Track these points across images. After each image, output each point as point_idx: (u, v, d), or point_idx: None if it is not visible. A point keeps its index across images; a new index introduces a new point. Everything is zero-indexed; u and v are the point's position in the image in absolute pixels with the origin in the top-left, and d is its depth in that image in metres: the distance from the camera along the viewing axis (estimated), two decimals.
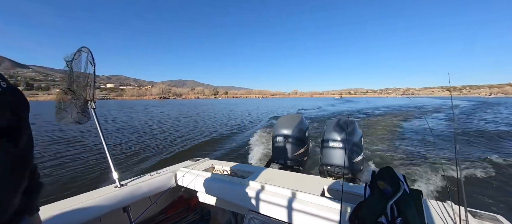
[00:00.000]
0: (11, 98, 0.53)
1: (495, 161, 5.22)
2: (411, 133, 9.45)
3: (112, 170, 1.64)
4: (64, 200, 1.46)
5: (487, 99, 63.34)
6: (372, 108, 25.05)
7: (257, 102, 70.92)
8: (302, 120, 3.25)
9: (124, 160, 6.15)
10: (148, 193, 1.79)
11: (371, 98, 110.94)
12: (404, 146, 7.13)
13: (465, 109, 23.18)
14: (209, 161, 2.42)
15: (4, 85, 0.52)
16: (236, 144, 8.16)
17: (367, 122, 12.95)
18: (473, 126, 10.90)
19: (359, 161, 2.65)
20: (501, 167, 4.92)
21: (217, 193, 1.77)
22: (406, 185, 1.04)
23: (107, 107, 38.22)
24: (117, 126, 13.42)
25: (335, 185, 1.64)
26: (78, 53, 1.63)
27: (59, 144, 7.99)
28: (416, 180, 4.15)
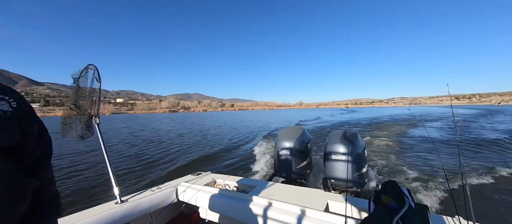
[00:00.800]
0: (22, 117, 0.54)
1: (502, 172, 5.08)
2: (413, 144, 9.31)
3: (113, 186, 1.63)
4: (65, 218, 1.44)
5: (495, 107, 62.65)
6: (367, 119, 25.34)
7: (264, 113, 73.87)
8: (304, 132, 3.24)
9: (125, 173, 6.09)
10: (149, 209, 1.76)
11: (374, 109, 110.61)
12: (407, 157, 6.99)
13: (468, 117, 22.97)
14: (211, 175, 2.40)
15: (14, 105, 0.52)
16: (238, 156, 8.08)
17: (369, 133, 12.82)
18: (476, 135, 10.72)
19: (363, 174, 2.60)
20: (509, 178, 4.79)
21: (219, 209, 1.73)
22: (411, 199, 1.02)
23: (118, 121, 39.00)
24: (120, 139, 13.45)
25: (339, 200, 1.61)
26: (85, 70, 1.69)
27: (61, 158, 7.99)
28: (421, 193, 4.03)
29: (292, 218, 1.38)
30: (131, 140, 13.26)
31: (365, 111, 57.87)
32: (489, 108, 49.29)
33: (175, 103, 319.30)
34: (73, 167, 6.81)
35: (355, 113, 48.43)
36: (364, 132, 14.17)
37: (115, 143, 11.97)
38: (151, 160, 7.80)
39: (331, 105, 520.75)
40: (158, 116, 74.86)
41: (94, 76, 1.59)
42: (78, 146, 10.00)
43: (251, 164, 6.81)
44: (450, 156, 7.07)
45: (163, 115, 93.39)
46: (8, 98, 0.51)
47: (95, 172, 6.16)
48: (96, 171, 6.25)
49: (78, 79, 1.70)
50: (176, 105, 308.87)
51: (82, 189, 4.86)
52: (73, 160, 7.75)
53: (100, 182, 5.26)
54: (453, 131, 12.61)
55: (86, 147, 9.68)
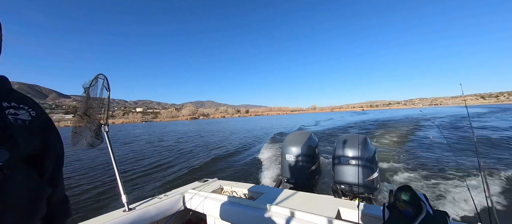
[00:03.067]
0: (41, 127, 0.55)
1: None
2: (427, 146, 8.98)
3: (121, 194, 1.64)
4: None
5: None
6: (379, 120, 25.08)
7: (280, 118, 76.33)
8: (311, 137, 3.19)
9: (134, 180, 6.16)
10: (156, 216, 1.76)
11: (389, 110, 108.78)
12: (421, 161, 6.72)
13: (486, 117, 22.14)
14: (218, 182, 2.38)
15: (33, 114, 0.54)
16: (245, 162, 8.03)
17: (378, 136, 12.50)
18: (492, 135, 10.25)
19: (375, 179, 2.51)
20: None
21: (226, 217, 1.70)
22: (428, 205, 0.96)
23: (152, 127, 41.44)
24: (129, 146, 13.70)
25: (351, 206, 1.55)
26: (95, 80, 1.74)
27: (69, 165, 8.18)
28: (439, 199, 3.83)
29: None
30: (144, 147, 13.50)
31: (375, 112, 57.62)
32: (505, 107, 47.16)
33: (195, 111, 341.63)
34: (81, 174, 6.95)
35: (365, 114, 49.57)
36: (374, 133, 13.84)
37: (128, 150, 12.21)
38: (160, 167, 7.88)
39: (345, 108, 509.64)
40: (183, 123, 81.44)
41: (103, 86, 1.63)
42: (86, 154, 10.25)
43: (258, 169, 6.74)
44: (468, 157, 6.75)
45: (186, 122, 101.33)
46: (27, 108, 0.53)
47: (103, 179, 6.27)
48: (104, 178, 6.35)
49: (89, 88, 1.75)
50: (196, 113, 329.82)
51: (90, 197, 4.94)
52: (81, 167, 7.93)
53: (108, 190, 5.34)
54: (469, 132, 12.15)
55: (95, 155, 9.90)
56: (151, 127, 51.17)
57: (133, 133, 28.21)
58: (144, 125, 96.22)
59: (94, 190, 5.44)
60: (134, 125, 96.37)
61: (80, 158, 9.73)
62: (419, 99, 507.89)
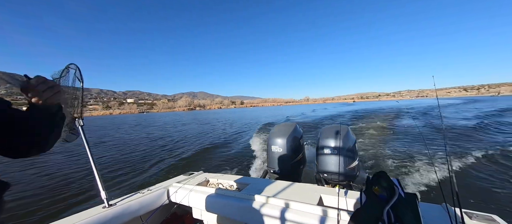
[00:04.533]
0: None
1: (485, 156, 5.39)
2: (401, 134, 9.65)
3: (100, 190, 1.57)
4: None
5: (487, 97, 66.12)
6: (362, 110, 26.77)
7: (278, 109, 79.78)
8: (296, 128, 3.26)
9: (114, 178, 5.92)
10: (139, 211, 1.71)
11: (377, 102, 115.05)
12: (396, 148, 7.23)
13: (456, 107, 24.37)
14: (203, 174, 2.37)
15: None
16: (231, 154, 8.04)
17: (359, 126, 13.14)
18: (461, 123, 11.27)
19: (355, 167, 2.65)
20: (491, 162, 5.09)
21: (212, 208, 1.71)
22: (400, 189, 1.04)
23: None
24: (110, 141, 13.05)
25: (332, 193, 1.63)
26: (66, 70, 1.61)
27: (40, 163, 7.64)
28: (410, 183, 4.17)
29: (286, 213, 1.38)
30: (120, 141, 12.92)
31: (363, 104, 62.00)
32: (479, 99, 52.25)
33: (191, 102, 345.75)
34: (51, 173, 6.53)
35: (352, 106, 53.84)
36: (356, 123, 14.53)
37: (104, 146, 11.62)
38: (142, 162, 7.63)
39: (337, 100, 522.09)
40: (180, 114, 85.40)
41: (75, 76, 1.51)
42: (59, 150, 9.62)
43: (245, 161, 6.80)
44: (437, 145, 7.36)
45: (183, 113, 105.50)
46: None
47: (80, 177, 5.95)
48: (81, 176, 6.03)
49: (59, 79, 1.61)
50: (191, 104, 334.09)
51: (67, 196, 4.68)
52: (54, 165, 7.44)
53: (86, 187, 5.09)
54: (440, 121, 13.23)
55: (69, 151, 9.33)
56: (155, 118, 49.63)
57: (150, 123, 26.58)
58: (145, 115, 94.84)
59: (71, 186, 5.16)
60: (134, 116, 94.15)
61: (55, 152, 9.11)
62: (407, 91, 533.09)
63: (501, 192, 3.70)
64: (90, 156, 1.57)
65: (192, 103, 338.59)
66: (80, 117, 1.55)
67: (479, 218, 1.21)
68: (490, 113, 16.43)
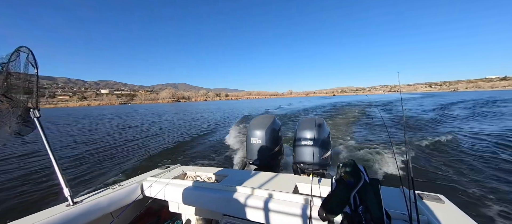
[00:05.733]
0: None
1: (436, 143, 6.25)
2: (369, 126, 10.55)
3: (63, 187, 1.44)
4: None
5: (444, 93, 75.80)
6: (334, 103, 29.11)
7: (264, 101, 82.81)
8: (275, 120, 3.33)
9: (82, 174, 5.46)
10: (108, 208, 1.62)
11: (354, 96, 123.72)
12: (363, 138, 7.89)
13: (416, 101, 27.52)
14: (180, 168, 2.31)
15: None
16: (210, 147, 7.95)
17: (334, 118, 13.96)
18: (420, 117, 12.67)
19: (328, 156, 2.82)
20: (440, 148, 5.89)
21: (189, 201, 1.69)
22: (366, 175, 1.14)
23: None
24: (73, 135, 11.88)
25: (306, 181, 1.72)
26: (16, 53, 1.40)
27: None
28: (375, 169, 4.61)
29: (262, 202, 1.43)
30: (93, 133, 11.86)
31: (341, 98, 67.14)
32: (439, 94, 59.88)
33: (174, 94, 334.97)
34: (10, 167, 5.80)
35: (330, 99, 57.48)
36: (331, 115, 15.39)
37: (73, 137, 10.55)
38: (115, 157, 7.14)
39: (318, 93, 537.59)
40: (165, 105, 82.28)
41: (28, 61, 1.33)
42: (16, 145, 8.54)
43: (224, 153, 6.79)
44: (398, 134, 8.20)
45: (167, 105, 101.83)
46: None
47: (42, 175, 5.37)
48: (43, 174, 5.45)
49: (8, 64, 1.40)
50: (175, 96, 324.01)
51: (22, 195, 4.21)
52: (10, 161, 6.59)
53: (45, 185, 4.63)
54: (401, 113, 14.76)
55: (26, 146, 8.32)
56: (150, 109, 46.50)
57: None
58: (130, 107, 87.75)
59: (29, 185, 4.64)
60: (120, 107, 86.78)
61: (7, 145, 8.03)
62: (381, 86, 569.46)
63: (446, 174, 4.30)
64: (49, 150, 1.42)
65: (175, 95, 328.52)
66: (35, 107, 1.38)
67: (429, 198, 1.39)
68: (441, 106, 19.06)
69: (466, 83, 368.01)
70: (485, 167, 4.50)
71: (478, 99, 26.33)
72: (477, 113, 13.39)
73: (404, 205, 1.15)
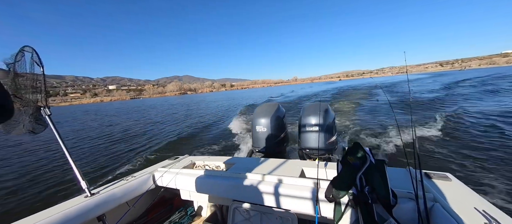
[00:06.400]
0: None
1: (441, 123, 6.19)
2: (374, 108, 10.43)
3: (80, 180, 1.51)
4: (29, 217, 1.32)
5: (452, 71, 73.71)
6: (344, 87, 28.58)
7: (269, 89, 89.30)
8: (279, 108, 3.33)
9: (94, 169, 5.70)
10: (124, 198, 1.70)
11: (360, 80, 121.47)
12: (369, 121, 7.85)
13: (422, 81, 26.83)
14: (189, 158, 2.37)
15: None
16: (216, 137, 8.08)
17: (339, 102, 13.82)
18: (425, 97, 12.43)
19: (333, 141, 2.83)
20: (447, 127, 5.84)
21: (200, 189, 1.75)
22: (371, 157, 1.15)
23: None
24: (85, 131, 12.26)
25: (312, 166, 1.74)
26: (21, 53, 1.42)
27: (13, 158, 7.05)
28: (381, 151, 4.62)
29: (270, 187, 1.47)
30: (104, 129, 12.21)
31: (346, 82, 67.25)
32: (445, 73, 58.19)
33: (181, 87, 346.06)
34: (28, 164, 6.10)
35: (338, 83, 57.27)
36: (336, 100, 15.25)
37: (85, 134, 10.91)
38: (125, 151, 7.37)
39: (324, 79, 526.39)
40: (174, 98, 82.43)
41: (33, 60, 1.35)
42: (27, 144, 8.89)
43: (230, 142, 6.90)
44: (404, 115, 8.10)
45: (175, 98, 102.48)
46: None
47: (58, 169, 5.63)
48: (59, 167, 5.71)
49: (14, 64, 1.43)
50: (182, 88, 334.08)
51: (42, 190, 4.46)
52: (26, 159, 6.91)
53: (62, 180, 4.87)
54: (407, 95, 14.51)
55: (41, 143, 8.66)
56: (162, 102, 47.45)
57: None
58: (141, 101, 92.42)
59: (48, 180, 4.89)
60: (134, 102, 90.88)
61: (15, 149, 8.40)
62: (389, 68, 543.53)
63: (453, 153, 4.27)
64: (63, 146, 1.48)
65: (182, 88, 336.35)
66: (45, 105, 1.42)
67: (436, 176, 1.40)
68: (446, 85, 18.68)
69: (480, 60, 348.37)
70: (492, 145, 4.45)
71: (484, 76, 25.56)
72: (483, 91, 13.06)
73: (410, 185, 1.16)
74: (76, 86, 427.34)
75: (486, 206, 1.05)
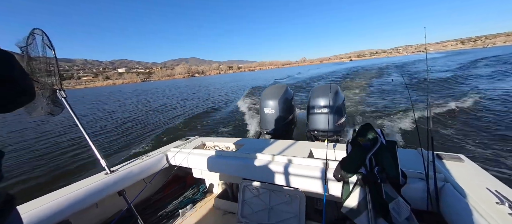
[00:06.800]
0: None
1: (457, 104, 5.92)
2: (386, 89, 10.09)
3: (99, 158, 1.61)
4: (56, 191, 1.44)
5: (472, 50, 69.01)
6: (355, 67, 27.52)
7: (277, 71, 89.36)
8: (287, 90, 3.28)
9: (109, 148, 6.02)
10: (141, 175, 1.81)
11: (373, 60, 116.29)
12: (381, 102, 7.64)
13: (435, 62, 25.41)
14: (199, 139, 2.44)
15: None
16: (225, 118, 8.20)
17: (350, 83, 13.44)
18: (440, 76, 11.85)
19: (342, 123, 2.80)
20: (462, 108, 5.61)
21: (211, 168, 1.82)
22: (383, 138, 1.13)
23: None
24: (99, 114, 12.78)
25: (321, 147, 1.75)
26: (32, 36, 1.44)
27: (35, 139, 7.53)
28: (393, 132, 4.55)
29: (278, 166, 1.50)
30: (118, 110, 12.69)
31: (356, 62, 65.10)
32: (465, 51, 54.69)
33: (188, 69, 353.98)
34: (44, 147, 6.52)
35: (349, 64, 55.83)
36: (346, 81, 14.83)
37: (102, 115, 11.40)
38: (138, 132, 7.68)
39: (334, 59, 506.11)
40: (183, 81, 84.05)
41: (44, 43, 1.36)
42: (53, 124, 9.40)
43: (238, 124, 6.99)
44: (418, 96, 7.81)
45: (184, 80, 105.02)
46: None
47: (75, 149, 5.99)
48: (76, 149, 6.07)
49: (27, 47, 1.46)
50: (190, 71, 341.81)
51: (65, 168, 4.80)
52: (45, 141, 7.36)
53: (81, 158, 5.19)
54: (425, 74, 13.86)
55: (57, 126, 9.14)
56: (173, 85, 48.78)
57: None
58: (151, 84, 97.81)
59: (64, 160, 5.22)
60: (146, 84, 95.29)
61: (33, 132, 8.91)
62: (404, 47, 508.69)
63: (468, 135, 4.15)
64: (81, 127, 1.55)
65: (190, 70, 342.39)
66: (60, 88, 1.46)
67: (448, 157, 1.38)
68: (462, 65, 17.51)
69: (506, 36, 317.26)
70: (509, 127, 4.27)
71: (507, 54, 23.71)
72: (501, 71, 12.22)
73: (421, 165, 1.15)
74: (87, 69, 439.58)
75: (500, 186, 1.03)
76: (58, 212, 1.30)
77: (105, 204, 1.68)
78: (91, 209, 1.60)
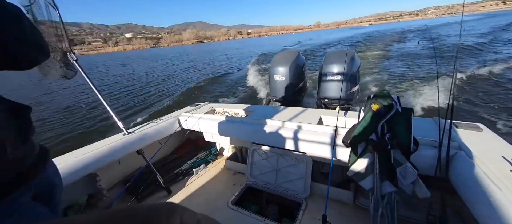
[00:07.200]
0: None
1: (482, 73, 5.47)
2: (413, 52, 9.38)
3: (116, 120, 1.70)
4: (83, 148, 1.58)
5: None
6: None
7: (290, 37, 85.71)
8: (299, 56, 3.11)
9: (123, 111, 6.35)
10: (156, 137, 1.92)
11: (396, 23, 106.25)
12: (403, 68, 7.18)
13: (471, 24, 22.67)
14: (209, 105, 2.48)
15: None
16: (233, 86, 8.18)
17: (368, 49, 12.56)
18: (469, 41, 10.73)
19: (355, 91, 2.69)
20: (487, 77, 5.20)
21: (222, 132, 1.88)
22: (398, 105, 1.08)
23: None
24: (107, 78, 13.17)
25: (332, 114, 1.73)
26: None
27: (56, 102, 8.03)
28: (411, 99, 4.38)
29: (287, 131, 1.52)
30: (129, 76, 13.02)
31: (376, 26, 59.50)
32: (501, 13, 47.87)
33: (197, 35, 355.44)
34: (68, 107, 6.96)
35: (364, 29, 51.76)
36: (365, 45, 13.84)
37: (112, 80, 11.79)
38: (149, 96, 7.94)
39: (351, 23, 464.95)
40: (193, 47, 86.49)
41: (47, 2, 1.31)
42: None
43: (247, 91, 6.98)
44: (447, 61, 7.23)
45: (193, 46, 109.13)
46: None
47: (89, 114, 6.36)
48: (90, 112, 6.44)
49: (30, 6, 1.42)
50: (198, 37, 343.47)
51: (85, 127, 5.19)
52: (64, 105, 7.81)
53: (99, 120, 5.55)
54: (452, 39, 12.52)
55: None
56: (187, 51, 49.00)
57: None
58: (163, 49, 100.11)
59: (83, 124, 5.61)
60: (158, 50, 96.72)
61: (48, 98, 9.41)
62: (433, 8, 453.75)
63: (490, 104, 3.91)
64: (96, 90, 1.60)
65: (198, 36, 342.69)
66: (70, 51, 1.47)
67: (465, 126, 1.32)
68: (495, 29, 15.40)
69: None
70: None
71: None
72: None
73: (436, 134, 1.11)
74: (95, 34, 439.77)
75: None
76: (86, 165, 1.45)
77: (126, 161, 1.84)
78: (114, 165, 1.77)
